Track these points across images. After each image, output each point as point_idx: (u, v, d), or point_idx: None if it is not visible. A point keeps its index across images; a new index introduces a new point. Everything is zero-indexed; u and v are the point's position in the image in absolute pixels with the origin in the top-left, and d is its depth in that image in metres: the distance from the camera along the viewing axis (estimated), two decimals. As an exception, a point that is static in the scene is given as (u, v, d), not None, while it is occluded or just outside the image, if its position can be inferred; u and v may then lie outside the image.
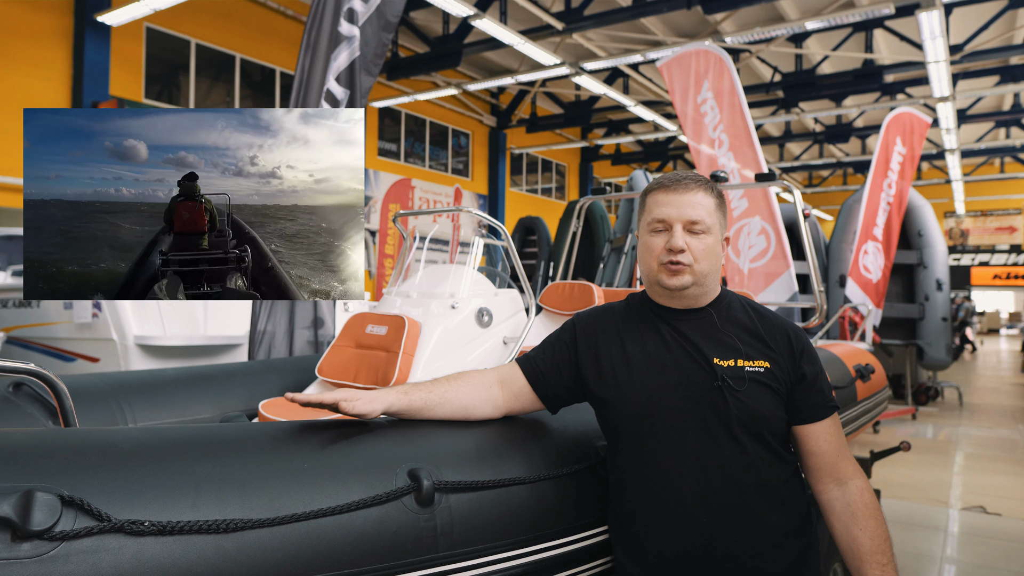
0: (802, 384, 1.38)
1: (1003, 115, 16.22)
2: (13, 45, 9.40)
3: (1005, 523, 4.34)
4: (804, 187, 25.93)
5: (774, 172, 3.76)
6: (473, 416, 1.43)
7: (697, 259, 1.37)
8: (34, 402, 1.81)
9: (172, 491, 1.01)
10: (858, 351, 3.70)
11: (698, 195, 1.39)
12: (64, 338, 4.51)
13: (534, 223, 11.54)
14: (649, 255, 1.42)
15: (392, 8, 3.48)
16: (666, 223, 1.39)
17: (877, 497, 3.55)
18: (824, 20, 9.75)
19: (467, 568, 1.21)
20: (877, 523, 1.34)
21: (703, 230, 1.38)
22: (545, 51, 10.94)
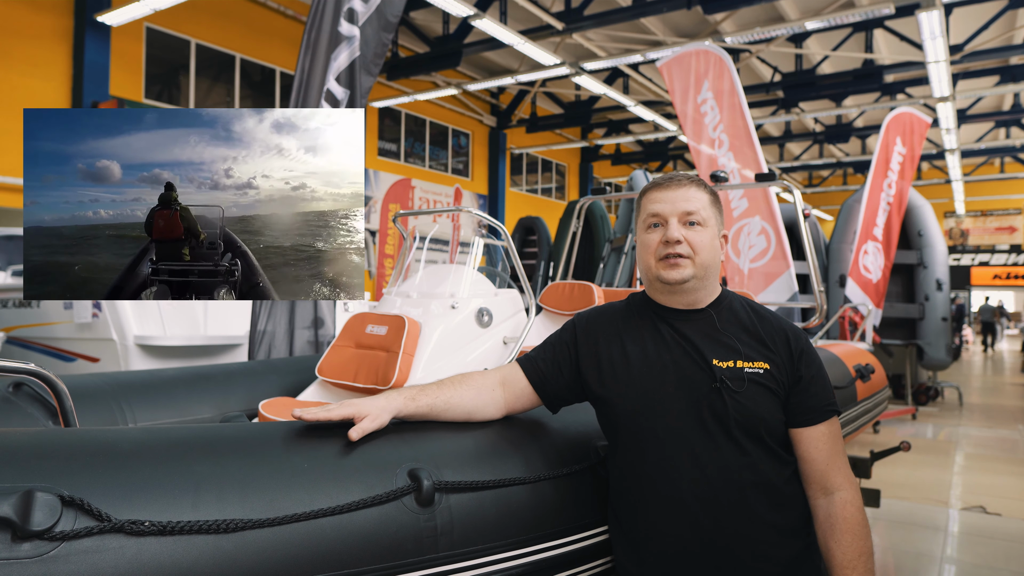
0: (799, 386, 1.38)
1: (1003, 115, 16.22)
2: (13, 45, 9.40)
3: (1005, 523, 4.34)
4: (804, 187, 25.93)
5: (774, 172, 3.76)
6: (477, 418, 1.43)
7: (696, 251, 1.38)
8: (34, 402, 1.81)
9: (172, 491, 1.01)
10: (858, 351, 3.70)
11: (691, 190, 1.41)
12: (64, 338, 4.51)
13: (534, 223, 11.54)
14: (647, 251, 1.43)
15: (392, 8, 3.48)
16: (661, 217, 1.40)
17: (877, 497, 3.57)
18: (824, 20, 9.75)
19: (467, 568, 1.21)
20: (854, 537, 1.31)
21: (699, 222, 1.39)
22: (545, 51, 10.94)
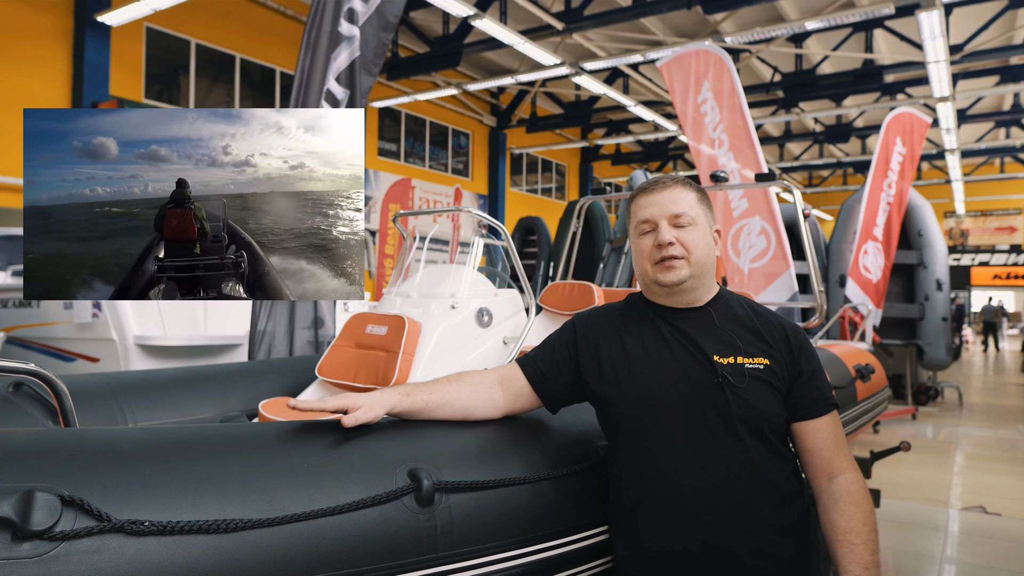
0: (800, 381, 1.39)
1: (1003, 115, 16.22)
2: (13, 45, 9.40)
3: (1005, 523, 4.34)
4: (804, 187, 25.93)
5: (774, 172, 3.76)
6: (474, 417, 1.43)
7: (690, 250, 1.39)
8: (34, 402, 1.81)
9: (172, 491, 1.01)
10: (858, 351, 3.70)
11: (676, 191, 1.42)
12: (64, 338, 4.51)
13: (534, 223, 11.54)
14: (641, 257, 1.44)
15: (392, 8, 3.48)
16: (651, 222, 1.42)
17: (877, 497, 3.57)
18: (824, 20, 9.75)
19: (467, 568, 1.21)
20: (856, 508, 1.33)
21: (688, 222, 1.40)
22: (545, 51, 10.94)
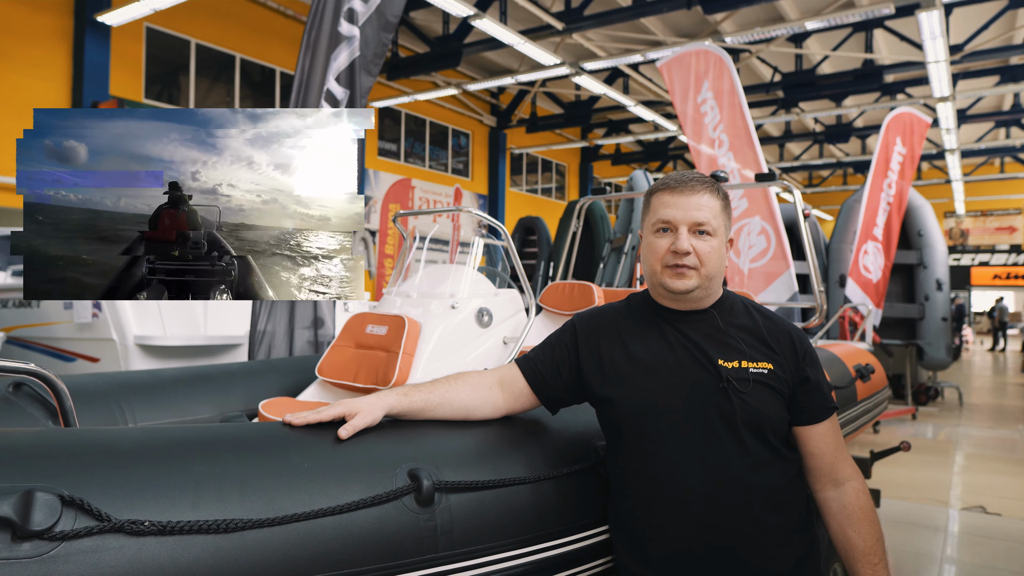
0: (805, 387, 1.39)
1: (1003, 115, 16.22)
2: (13, 45, 9.40)
3: (1005, 523, 4.34)
4: (804, 187, 25.92)
5: (774, 172, 3.76)
6: (473, 417, 1.43)
7: (703, 262, 1.36)
8: (34, 402, 1.81)
9: (172, 491, 1.01)
10: (858, 351, 3.70)
11: (704, 197, 1.37)
12: (64, 338, 4.51)
13: (534, 223, 11.54)
14: (653, 257, 1.40)
15: (392, 8, 3.48)
16: (671, 224, 1.38)
17: (877, 497, 3.57)
18: (824, 20, 9.75)
19: (467, 568, 1.21)
20: (871, 524, 1.37)
21: (709, 232, 1.37)
22: (545, 51, 10.94)
